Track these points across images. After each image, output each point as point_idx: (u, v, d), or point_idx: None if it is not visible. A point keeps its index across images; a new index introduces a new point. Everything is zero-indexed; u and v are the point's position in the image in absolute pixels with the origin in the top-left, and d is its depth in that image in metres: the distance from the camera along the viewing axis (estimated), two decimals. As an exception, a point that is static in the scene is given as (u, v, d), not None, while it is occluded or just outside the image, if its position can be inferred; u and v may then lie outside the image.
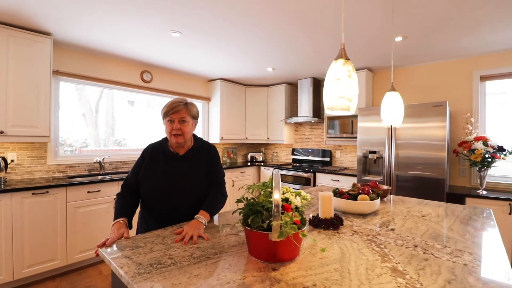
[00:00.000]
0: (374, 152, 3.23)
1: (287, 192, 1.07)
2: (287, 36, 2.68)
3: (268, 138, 4.86)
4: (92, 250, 2.69)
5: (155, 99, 3.92)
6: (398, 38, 2.72)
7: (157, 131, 3.97)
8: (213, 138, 4.49)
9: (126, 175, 3.31)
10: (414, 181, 2.94)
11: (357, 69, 3.75)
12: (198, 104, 4.57)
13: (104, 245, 1.07)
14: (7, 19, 2.35)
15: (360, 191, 1.65)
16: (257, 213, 0.97)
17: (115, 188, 2.84)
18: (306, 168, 3.98)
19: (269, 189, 1.07)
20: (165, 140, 1.48)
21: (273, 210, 0.89)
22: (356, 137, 3.69)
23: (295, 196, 1.03)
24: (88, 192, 2.64)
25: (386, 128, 3.14)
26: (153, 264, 0.92)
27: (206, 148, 1.49)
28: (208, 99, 4.58)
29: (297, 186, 3.99)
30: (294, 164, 4.55)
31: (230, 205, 4.01)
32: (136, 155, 3.66)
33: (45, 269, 2.41)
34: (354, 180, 3.48)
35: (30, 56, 2.54)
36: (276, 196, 0.90)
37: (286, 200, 1.03)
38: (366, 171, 3.35)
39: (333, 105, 0.91)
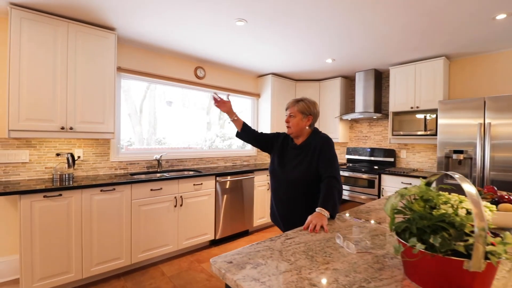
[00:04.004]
0: (460, 152, 2.79)
1: (459, 200, 0.80)
2: (363, 20, 2.37)
3: (319, 136, 4.53)
4: (154, 249, 2.61)
5: (190, 100, 3.77)
6: (501, 16, 2.28)
7: (192, 130, 3.83)
8: (263, 136, 4.28)
9: (182, 173, 3.25)
10: (517, 187, 2.46)
11: (432, 57, 3.30)
12: (247, 101, 4.40)
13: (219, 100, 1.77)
14: (74, 14, 2.33)
15: (496, 199, 1.31)
16: (435, 230, 0.71)
17: (175, 186, 2.74)
18: (363, 169, 3.61)
19: (430, 195, 0.80)
20: None
21: (476, 229, 0.62)
22: (430, 135, 3.25)
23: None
24: (151, 190, 2.57)
25: (476, 124, 2.68)
26: (299, 293, 0.70)
27: (318, 138, 1.57)
28: (257, 95, 4.39)
29: (357, 189, 3.63)
30: (349, 165, 4.19)
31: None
32: (189, 153, 3.58)
33: (111, 267, 2.36)
34: (430, 183, 3.05)
35: (96, 52, 2.52)
36: (480, 210, 0.63)
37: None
38: (448, 174, 2.90)
39: None
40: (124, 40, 2.88)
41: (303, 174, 1.53)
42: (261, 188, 3.65)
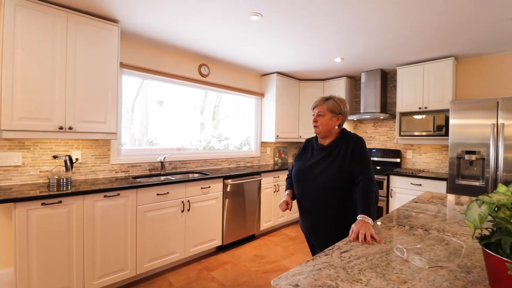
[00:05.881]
0: (472, 153, 2.76)
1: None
2: (380, 17, 2.29)
3: (323, 137, 4.46)
4: (160, 258, 2.44)
5: (183, 101, 3.55)
6: (519, 15, 2.25)
7: (185, 130, 3.65)
8: (267, 137, 4.16)
9: (187, 175, 3.09)
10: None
11: (441, 58, 3.28)
12: (251, 100, 4.27)
13: (287, 208, 1.53)
14: (74, 3, 2.14)
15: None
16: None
17: (182, 190, 2.58)
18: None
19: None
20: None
21: None
22: (439, 136, 3.23)
23: None
24: (158, 194, 2.40)
25: (489, 125, 2.67)
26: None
27: (348, 138, 1.49)
28: (261, 94, 4.26)
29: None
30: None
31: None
32: (192, 154, 3.41)
33: (115, 280, 2.18)
34: (441, 184, 3.02)
35: (99, 45, 2.32)
36: None
37: None
38: (459, 175, 2.88)
39: None
40: (126, 34, 2.69)
41: (334, 177, 1.41)
42: (268, 190, 3.53)
